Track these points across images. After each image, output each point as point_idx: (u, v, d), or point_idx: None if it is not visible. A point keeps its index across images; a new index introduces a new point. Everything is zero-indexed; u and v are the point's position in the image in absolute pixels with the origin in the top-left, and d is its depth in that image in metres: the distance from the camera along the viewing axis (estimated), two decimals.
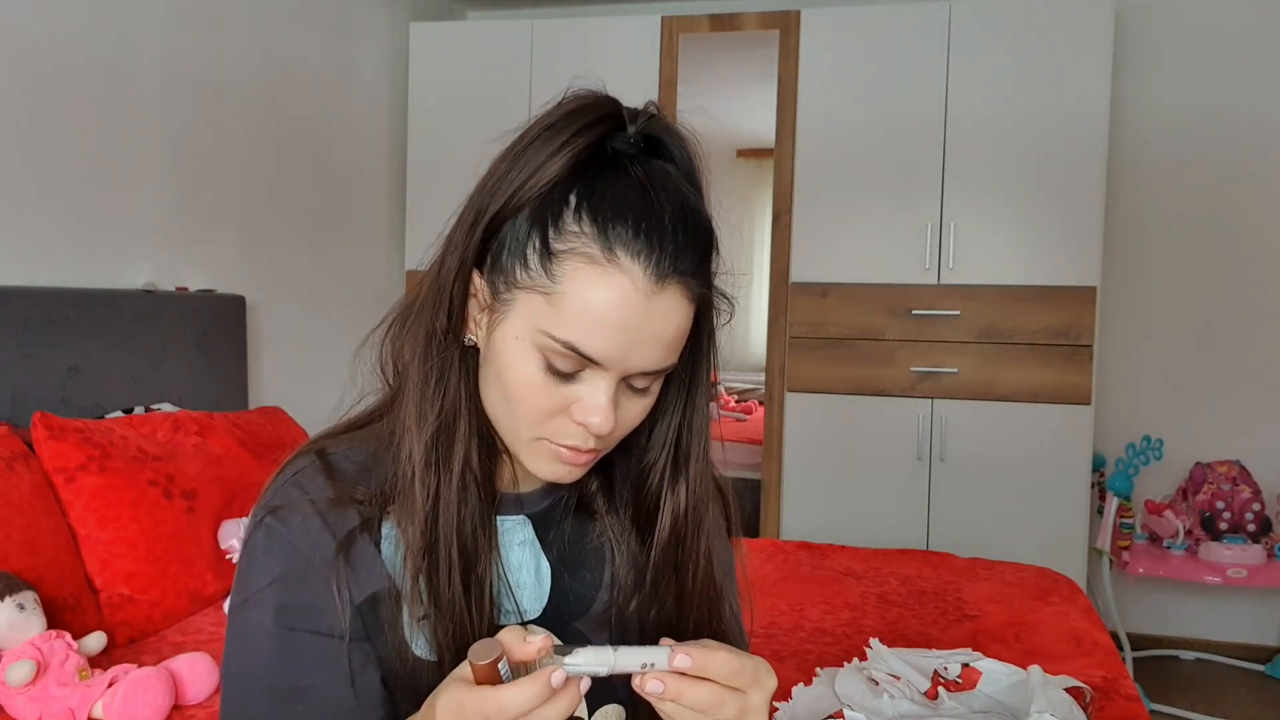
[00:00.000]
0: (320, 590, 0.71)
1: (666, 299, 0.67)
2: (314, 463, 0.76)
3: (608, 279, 0.65)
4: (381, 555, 0.73)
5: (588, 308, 0.66)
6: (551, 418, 0.70)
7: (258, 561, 0.72)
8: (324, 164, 3.18)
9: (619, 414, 0.70)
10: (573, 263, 0.66)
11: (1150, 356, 3.44)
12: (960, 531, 3.10)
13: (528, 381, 0.69)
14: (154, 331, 2.34)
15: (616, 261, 0.65)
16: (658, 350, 0.68)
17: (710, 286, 0.71)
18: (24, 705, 1.43)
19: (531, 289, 0.67)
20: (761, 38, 3.25)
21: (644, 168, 0.68)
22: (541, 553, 0.80)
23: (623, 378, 0.69)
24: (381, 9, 3.47)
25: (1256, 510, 3.02)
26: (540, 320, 0.67)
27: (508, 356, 0.69)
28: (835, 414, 3.22)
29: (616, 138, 0.69)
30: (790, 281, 3.23)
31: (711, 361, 0.78)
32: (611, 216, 0.66)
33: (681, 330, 0.69)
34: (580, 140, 0.67)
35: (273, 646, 0.71)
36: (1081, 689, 1.35)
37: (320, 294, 3.15)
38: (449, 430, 0.73)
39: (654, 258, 0.66)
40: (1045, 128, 3.03)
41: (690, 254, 0.67)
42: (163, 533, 1.84)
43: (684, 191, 0.69)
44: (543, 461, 0.72)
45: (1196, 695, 3.06)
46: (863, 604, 2.08)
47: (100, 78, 2.31)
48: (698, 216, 0.69)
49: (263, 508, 0.74)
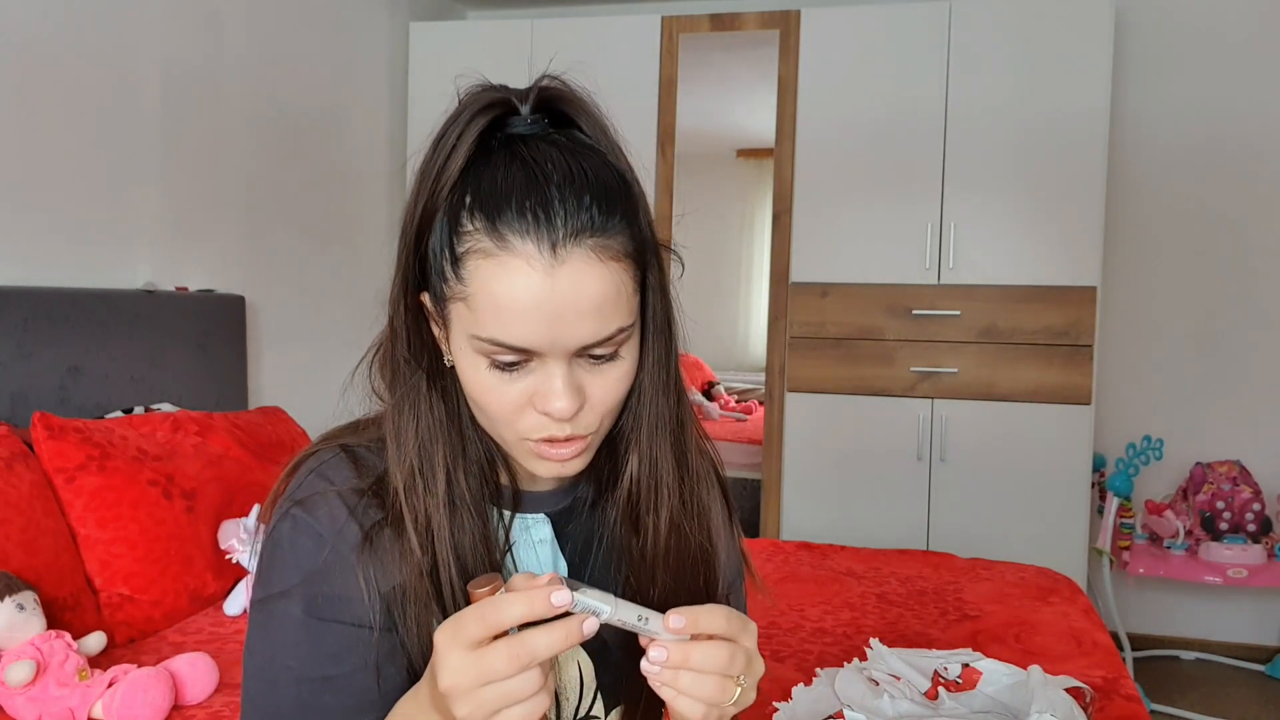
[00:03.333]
0: (348, 581, 0.71)
1: (572, 268, 0.64)
2: (338, 454, 0.76)
3: (503, 267, 0.64)
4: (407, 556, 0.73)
5: (494, 301, 0.65)
6: (520, 415, 0.69)
7: (284, 554, 0.72)
8: (324, 164, 3.18)
9: (588, 392, 0.69)
10: (473, 262, 0.65)
11: (1150, 356, 3.44)
12: (960, 531, 3.10)
13: (484, 386, 0.69)
14: (154, 331, 2.34)
15: (509, 247, 0.64)
16: (588, 320, 0.65)
17: (633, 238, 0.68)
18: (24, 705, 1.43)
19: (454, 299, 0.67)
20: (761, 38, 3.25)
21: (529, 146, 0.66)
22: (559, 551, 0.80)
23: (575, 355, 0.67)
24: (381, 9, 3.47)
25: (1257, 510, 3.02)
26: (467, 326, 0.67)
27: (462, 367, 0.70)
28: (835, 414, 3.22)
29: (513, 123, 0.68)
30: (790, 281, 3.23)
31: (658, 317, 0.74)
32: (497, 205, 0.65)
33: (605, 294, 0.66)
34: (469, 136, 0.67)
35: (302, 637, 0.71)
36: (1082, 689, 1.35)
37: (320, 294, 3.15)
38: (428, 457, 0.72)
39: (543, 231, 0.64)
40: (1045, 127, 3.03)
41: (587, 213, 0.65)
42: (163, 533, 1.84)
43: (580, 153, 0.67)
44: (534, 462, 0.72)
45: (1196, 695, 3.06)
46: (863, 604, 2.08)
47: (100, 78, 2.31)
48: (595, 173, 0.67)
49: (287, 499, 0.74)
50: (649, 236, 0.71)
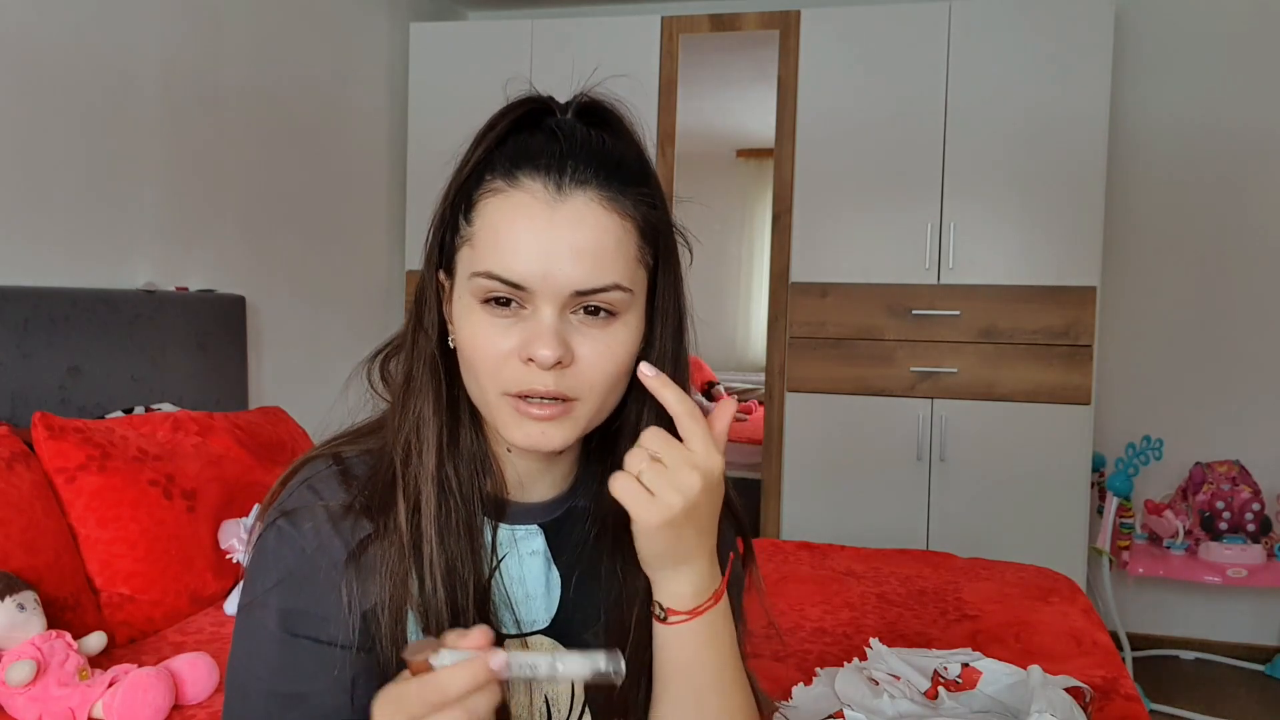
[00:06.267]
0: (326, 598, 0.70)
1: (573, 206, 0.67)
2: (330, 467, 0.75)
3: (509, 200, 0.68)
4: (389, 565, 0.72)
5: (495, 231, 0.68)
6: (505, 364, 0.69)
7: (266, 563, 0.72)
8: (324, 164, 3.18)
9: (578, 352, 0.69)
10: (483, 202, 0.69)
11: (1150, 356, 3.44)
12: (960, 531, 3.10)
13: (473, 329, 0.70)
14: (154, 331, 2.34)
15: (518, 184, 0.68)
16: (582, 261, 0.67)
17: (645, 213, 0.71)
18: (24, 705, 1.43)
19: (462, 245, 0.71)
20: (761, 38, 3.25)
21: (561, 126, 0.71)
22: (552, 562, 0.78)
23: (570, 309, 0.68)
24: (381, 9, 3.47)
25: (1256, 510, 3.02)
26: (468, 267, 0.70)
27: (459, 320, 0.71)
28: (835, 414, 3.22)
29: (552, 118, 0.72)
30: (790, 281, 3.23)
31: (670, 312, 0.75)
32: (517, 159, 0.69)
33: (603, 241, 0.68)
34: (505, 120, 0.71)
35: (275, 650, 0.71)
36: (1081, 689, 1.36)
37: (320, 294, 3.15)
38: (422, 431, 0.73)
39: (554, 171, 0.68)
40: (1045, 128, 3.03)
41: (597, 167, 0.68)
42: (163, 533, 1.84)
43: (608, 135, 0.71)
44: (513, 424, 0.70)
45: (1196, 695, 3.06)
46: (863, 604, 2.08)
47: (100, 78, 2.31)
48: (618, 151, 0.71)
49: (275, 509, 0.74)
50: (664, 224, 0.73)
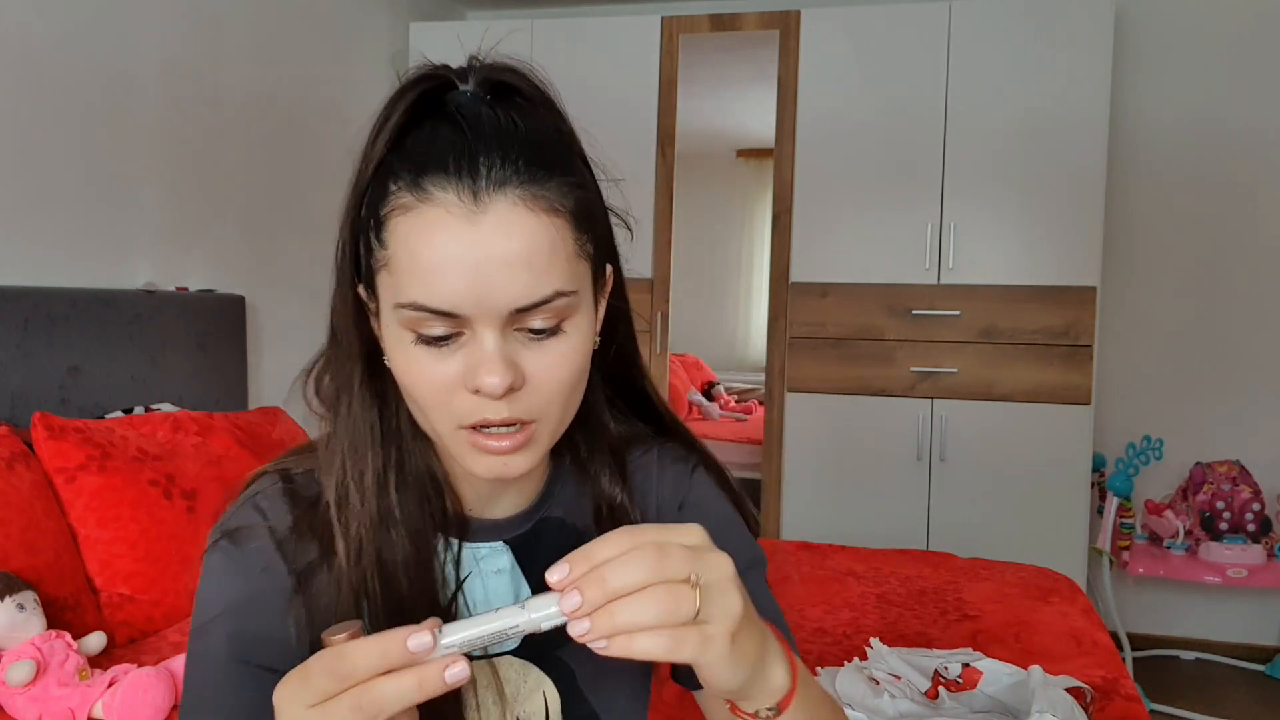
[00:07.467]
0: (272, 623, 0.66)
1: (497, 215, 0.58)
2: (276, 485, 0.71)
3: (421, 219, 0.59)
4: (335, 597, 0.67)
5: (413, 259, 0.59)
6: (452, 397, 0.62)
7: (211, 586, 0.69)
8: (324, 164, 3.18)
9: (527, 370, 0.62)
10: (393, 221, 0.60)
11: (1150, 356, 3.44)
12: (960, 531, 3.10)
13: (408, 363, 0.62)
14: (154, 331, 2.34)
15: (429, 198, 0.59)
16: (519, 276, 0.59)
17: (573, 195, 0.62)
18: (24, 705, 1.43)
19: (379, 268, 0.62)
20: (761, 38, 3.25)
21: (463, 110, 0.62)
22: (523, 579, 0.74)
23: (512, 326, 0.61)
24: (381, 9, 3.47)
25: (1256, 510, 3.02)
26: (391, 296, 0.61)
27: (391, 351, 0.64)
28: (835, 414, 3.22)
29: (451, 97, 0.63)
30: (790, 281, 3.23)
31: (613, 285, 0.69)
32: (421, 161, 0.60)
33: (536, 247, 0.59)
34: (400, 107, 0.62)
35: (222, 676, 0.67)
36: (1082, 689, 1.36)
37: (320, 294, 3.10)
38: (357, 466, 0.67)
39: (467, 179, 0.58)
40: (1045, 128, 3.03)
41: (516, 161, 0.59)
42: (163, 533, 1.84)
43: (515, 113, 0.62)
44: (472, 458, 0.64)
45: (1196, 695, 3.06)
46: (863, 604, 2.08)
47: (100, 78, 2.31)
48: (529, 129, 0.62)
49: (218, 529, 0.70)
50: (597, 202, 0.65)
